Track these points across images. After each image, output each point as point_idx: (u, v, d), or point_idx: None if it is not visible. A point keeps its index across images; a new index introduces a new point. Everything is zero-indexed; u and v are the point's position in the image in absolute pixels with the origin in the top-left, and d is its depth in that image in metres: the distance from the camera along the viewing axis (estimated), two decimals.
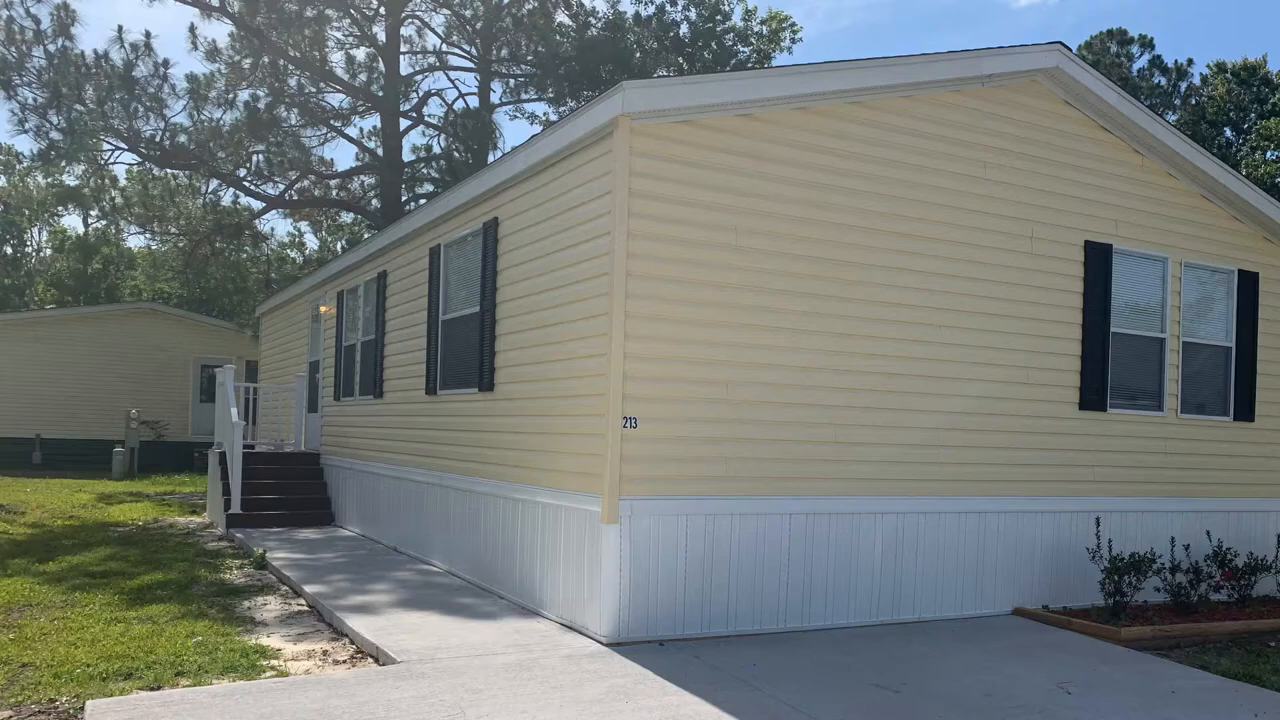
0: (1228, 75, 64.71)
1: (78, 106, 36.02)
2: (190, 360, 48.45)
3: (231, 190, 42.77)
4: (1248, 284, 18.24)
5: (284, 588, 16.66)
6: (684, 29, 43.60)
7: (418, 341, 19.59)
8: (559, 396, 14.10)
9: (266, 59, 38.65)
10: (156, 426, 46.66)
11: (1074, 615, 15.27)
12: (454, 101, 45.13)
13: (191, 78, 38.54)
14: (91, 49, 37.49)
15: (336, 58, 42.07)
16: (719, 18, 44.74)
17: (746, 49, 46.21)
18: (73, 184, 50.74)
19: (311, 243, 60.56)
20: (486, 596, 15.49)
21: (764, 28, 47.50)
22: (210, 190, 43.27)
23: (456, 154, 43.73)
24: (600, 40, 41.15)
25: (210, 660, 11.65)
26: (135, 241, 71.02)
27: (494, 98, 45.36)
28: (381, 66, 41.71)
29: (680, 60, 42.81)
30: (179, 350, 48.30)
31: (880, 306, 14.59)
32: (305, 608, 15.14)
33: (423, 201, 40.96)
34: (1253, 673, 12.84)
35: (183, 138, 38.32)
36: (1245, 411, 18.29)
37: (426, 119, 44.77)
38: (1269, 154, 58.69)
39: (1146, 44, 67.60)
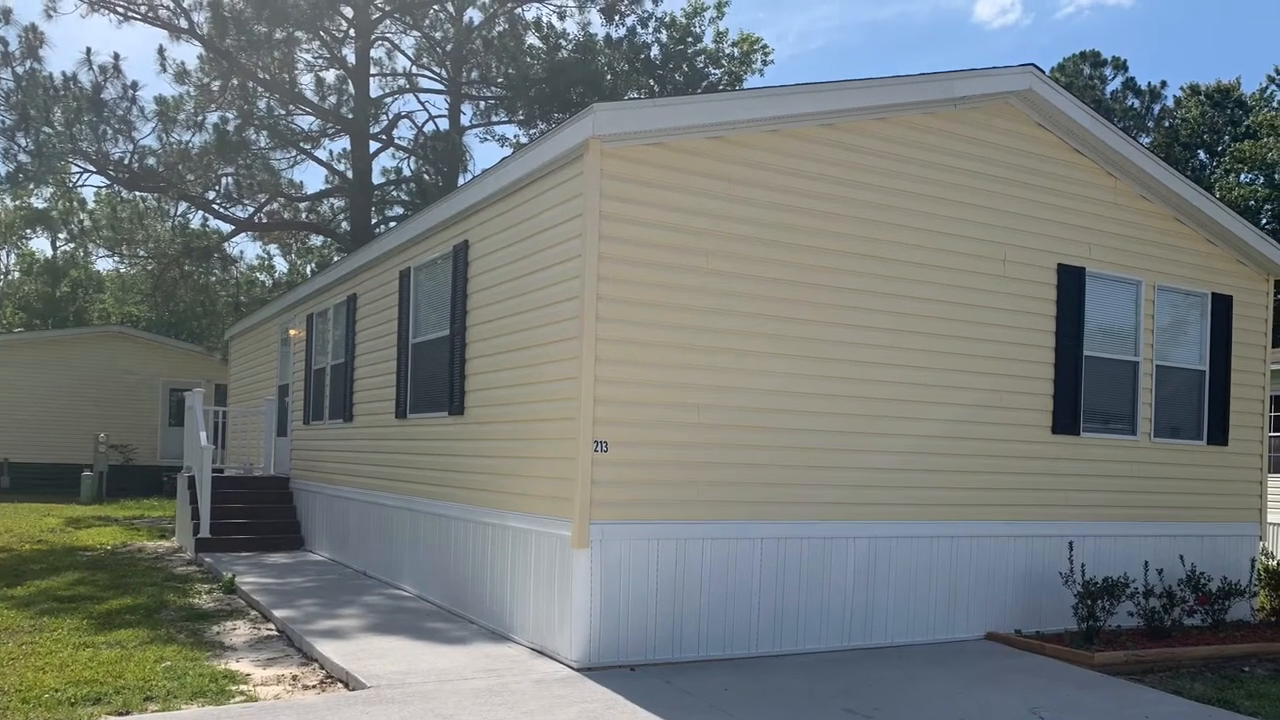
0: (1201, 97, 65.03)
1: (46, 129, 35.92)
2: (159, 384, 48.28)
3: (200, 213, 42.79)
4: (1221, 307, 18.24)
5: (253, 612, 16.53)
6: (655, 51, 43.63)
7: (388, 365, 19.51)
8: (529, 420, 14.04)
9: (236, 81, 38.54)
10: (125, 450, 46.42)
11: (1047, 640, 15.21)
12: (424, 124, 45.08)
13: (160, 100, 38.52)
14: (60, 71, 37.34)
15: (306, 80, 42.01)
16: (690, 40, 44.82)
17: (718, 71, 46.30)
18: (41, 206, 50.55)
19: (281, 266, 60.49)
20: (457, 621, 15.40)
21: (735, 49, 47.62)
22: (179, 213, 43.30)
23: (427, 176, 43.67)
24: (571, 62, 41.17)
25: (179, 685, 11.55)
26: (104, 264, 70.84)
27: (464, 120, 45.41)
28: (351, 89, 41.64)
29: (651, 82, 42.83)
30: (148, 374, 48.12)
31: (851, 329, 14.56)
32: (275, 632, 15.04)
33: (393, 224, 40.82)
34: (1226, 698, 12.81)
35: (151, 160, 38.24)
36: (1219, 435, 18.28)
37: (396, 141, 44.79)
38: (1243, 176, 58.95)
39: (1120, 66, 67.97)
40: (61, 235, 66.41)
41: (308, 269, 55.25)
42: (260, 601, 16.71)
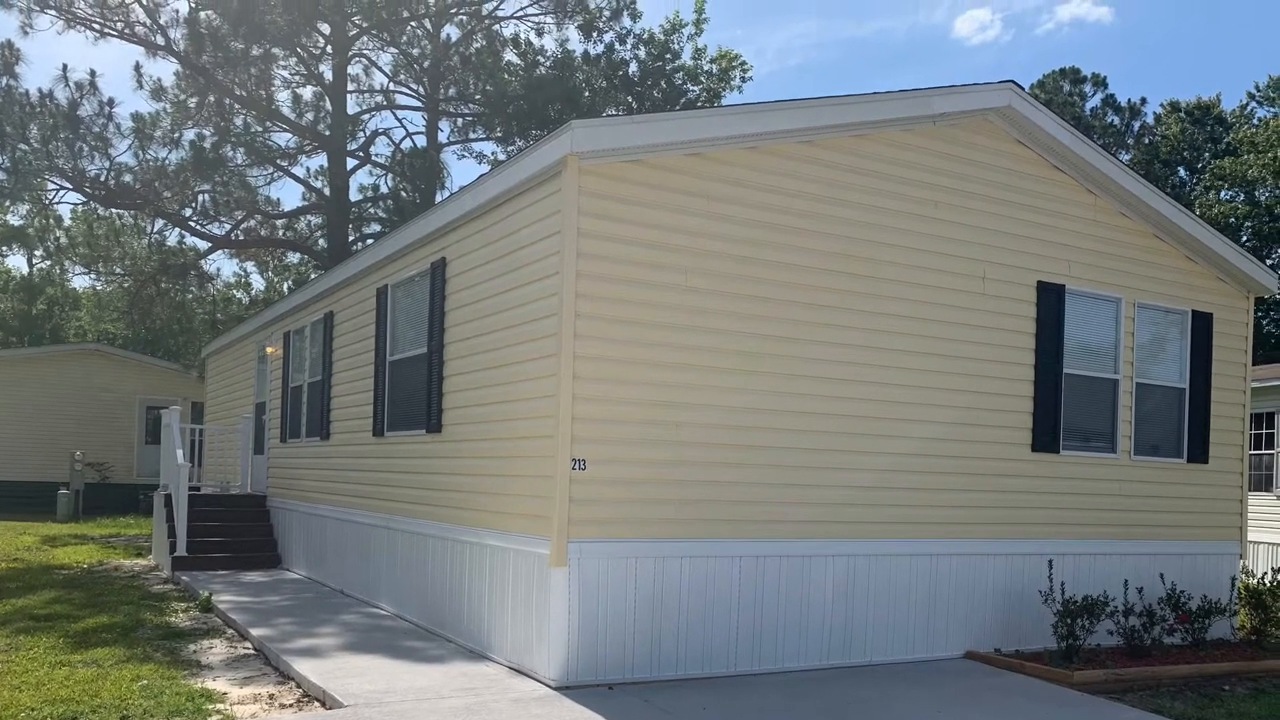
0: (1181, 114, 65.26)
1: (22, 146, 35.82)
2: (135, 401, 48.07)
3: (177, 230, 42.55)
4: (1201, 325, 18.22)
5: (230, 631, 16.47)
6: (633, 68, 43.58)
7: (365, 383, 19.44)
8: (507, 438, 13.99)
9: (212, 98, 38.51)
10: (101, 468, 46.24)
11: (1026, 659, 15.17)
12: (401, 141, 45.07)
13: (137, 117, 38.43)
14: (36, 88, 37.15)
15: (283, 96, 41.93)
16: (668, 57, 44.73)
17: (696, 88, 46.20)
18: (17, 224, 50.39)
19: (258, 283, 60.29)
20: (434, 640, 15.34)
21: (714, 67, 47.50)
22: (156, 230, 43.03)
23: (404, 194, 43.65)
24: (549, 79, 41.14)
25: (156, 704, 11.51)
26: (80, 282, 70.58)
27: (442, 137, 45.32)
28: (328, 105, 41.62)
29: (629, 99, 42.78)
30: (124, 391, 47.91)
31: (830, 347, 14.52)
32: (251, 651, 14.99)
33: (370, 241, 40.77)
34: (1206, 716, 12.83)
35: (128, 177, 38.15)
36: (1199, 453, 18.25)
37: (374, 158, 44.72)
38: (1223, 193, 59.09)
39: (1099, 83, 68.22)
40: (38, 252, 66.12)
41: (285, 286, 55.09)
42: (237, 620, 16.64)
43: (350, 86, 42.89)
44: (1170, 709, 13.14)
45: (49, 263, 62.38)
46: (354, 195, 44.73)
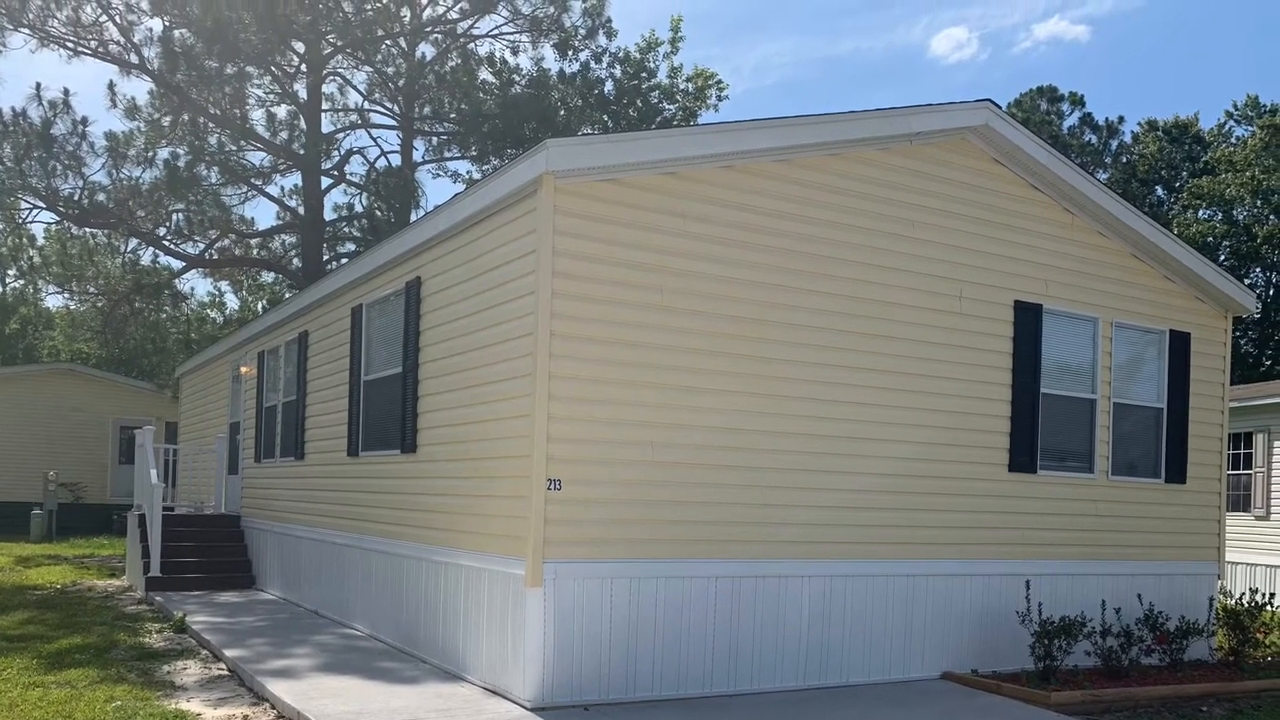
0: (1159, 133, 65.41)
1: None
2: (109, 421, 48.00)
3: (151, 249, 42.41)
4: (1179, 344, 18.22)
5: (204, 652, 16.41)
6: (609, 86, 43.56)
7: (339, 402, 19.36)
8: (482, 458, 13.92)
9: (186, 116, 38.42)
10: (75, 488, 46.09)
11: (1004, 680, 15.14)
12: (376, 160, 45.01)
13: (111, 135, 38.30)
14: (9, 106, 37.16)
15: (257, 115, 41.83)
16: (644, 75, 44.70)
17: (672, 106, 46.13)
18: None
19: (232, 302, 60.22)
20: (409, 661, 15.27)
21: (690, 85, 47.41)
22: (129, 249, 42.91)
23: (379, 213, 43.60)
24: (524, 98, 41.14)
25: None
26: (53, 301, 70.19)
27: (416, 156, 45.31)
28: (303, 124, 41.53)
29: (605, 118, 42.77)
30: (97, 411, 47.86)
31: (806, 366, 14.48)
32: (226, 672, 14.93)
33: (344, 261, 40.71)
34: None
35: (101, 196, 38.04)
36: (1177, 474, 18.23)
37: (348, 177, 44.69)
38: (1201, 213, 59.27)
39: (1077, 101, 68.33)
40: (10, 272, 65.99)
41: (259, 306, 55.05)
42: (211, 641, 16.58)
43: (325, 105, 42.82)
44: None
45: (22, 282, 62.18)
46: (328, 214, 44.64)
